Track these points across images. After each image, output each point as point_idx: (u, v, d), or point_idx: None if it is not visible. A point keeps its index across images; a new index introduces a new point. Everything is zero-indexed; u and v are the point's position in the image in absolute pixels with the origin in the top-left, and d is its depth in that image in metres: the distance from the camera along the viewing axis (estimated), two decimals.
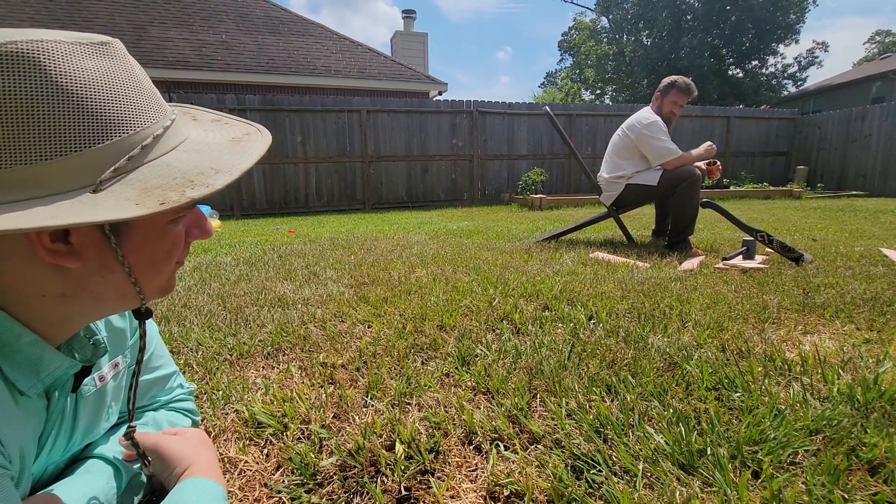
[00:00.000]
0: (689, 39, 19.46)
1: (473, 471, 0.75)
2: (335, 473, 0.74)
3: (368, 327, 1.48)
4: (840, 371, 1.05)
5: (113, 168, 0.42)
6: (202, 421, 0.88)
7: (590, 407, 0.91)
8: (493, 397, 0.98)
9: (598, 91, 28.05)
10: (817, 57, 21.48)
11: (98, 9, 10.34)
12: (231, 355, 1.23)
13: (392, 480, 0.72)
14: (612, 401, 0.94)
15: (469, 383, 1.05)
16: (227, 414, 0.92)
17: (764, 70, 21.27)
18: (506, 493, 0.70)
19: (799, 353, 1.21)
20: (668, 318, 1.48)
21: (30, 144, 0.39)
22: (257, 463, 0.78)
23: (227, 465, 0.78)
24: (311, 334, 1.39)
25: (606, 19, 25.31)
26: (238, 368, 1.16)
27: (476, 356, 1.19)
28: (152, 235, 0.49)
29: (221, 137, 0.53)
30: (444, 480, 0.72)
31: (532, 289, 1.90)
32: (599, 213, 3.40)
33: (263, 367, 1.18)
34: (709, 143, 3.04)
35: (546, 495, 0.68)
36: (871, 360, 1.12)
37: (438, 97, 12.15)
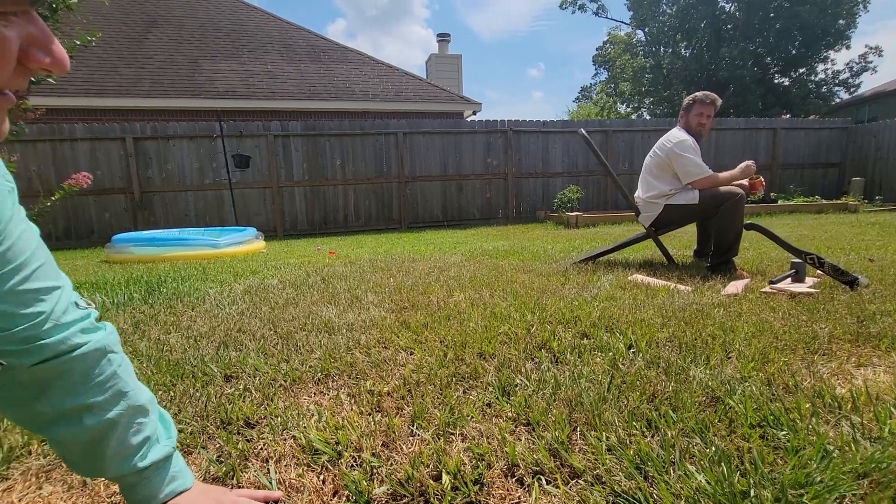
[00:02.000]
0: (729, 50, 18.94)
1: (517, 503, 0.79)
2: (387, 501, 0.80)
3: (411, 354, 1.54)
4: (893, 409, 1.02)
5: None
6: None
7: (630, 442, 0.93)
8: (533, 429, 1.01)
9: (635, 104, 27.62)
10: (871, 62, 20.39)
11: (158, 45, 11.18)
12: (285, 381, 1.32)
13: None
14: (652, 436, 0.96)
15: (510, 414, 1.09)
16: (285, 440, 1.00)
17: (813, 77, 20.36)
18: None
19: (850, 388, 1.17)
20: (710, 348, 1.47)
21: None
22: (316, 489, 0.84)
23: (289, 490, 0.85)
24: (357, 361, 1.46)
25: (642, 32, 25.05)
26: (292, 394, 1.24)
27: (516, 386, 1.23)
28: None
29: None
30: None
31: (570, 315, 1.91)
32: (638, 234, 3.36)
33: (315, 394, 1.26)
34: (746, 162, 2.98)
35: None
36: None
37: (473, 117, 12.34)
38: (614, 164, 9.44)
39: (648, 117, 27.67)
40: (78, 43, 2.30)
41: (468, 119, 12.61)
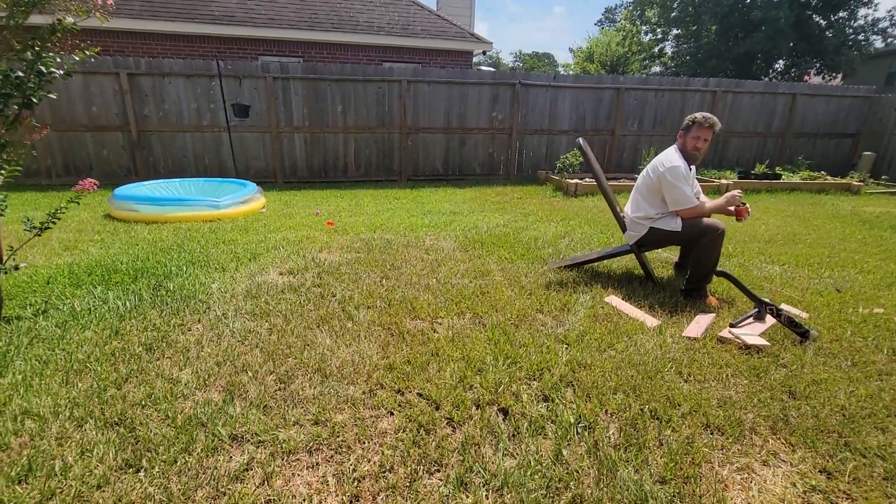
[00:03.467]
0: None
1: None
2: None
3: (389, 413, 1.80)
4: None
5: None
6: None
7: None
8: None
9: (660, 35, 25.86)
10: None
11: None
12: (286, 448, 1.57)
13: None
14: None
15: None
16: None
17: (852, 23, 18.88)
18: None
19: (749, 498, 1.43)
20: (645, 434, 1.71)
21: None
22: None
23: None
24: (345, 424, 1.71)
25: None
26: (288, 470, 1.50)
27: (473, 476, 1.48)
28: None
29: None
30: None
31: (538, 365, 2.14)
32: (621, 247, 3.49)
33: (307, 467, 1.52)
34: (731, 192, 3.04)
35: None
36: None
37: (481, 55, 11.74)
38: (623, 123, 9.21)
39: (670, 52, 26.04)
40: (77, 59, 2.28)
41: (476, 59, 12.00)
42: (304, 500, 1.38)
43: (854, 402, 1.93)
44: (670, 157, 3.09)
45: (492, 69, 11.66)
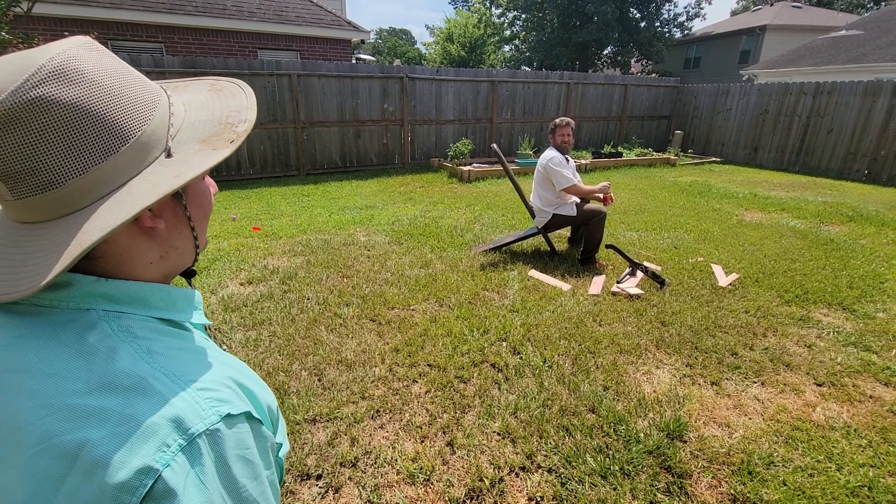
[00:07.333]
0: None
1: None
2: (464, 500, 1.70)
3: (415, 382, 2.38)
4: (662, 406, 2.20)
5: (168, 135, 0.48)
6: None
7: (560, 445, 1.94)
8: (513, 441, 1.97)
9: (509, 19, 28.09)
10: (703, 9, 23.55)
11: None
12: (354, 420, 2.07)
13: None
14: (569, 436, 1.99)
15: (497, 430, 2.03)
16: (389, 471, 1.81)
17: (659, 16, 22.94)
18: None
19: (651, 388, 2.36)
20: (586, 362, 2.57)
21: (108, 141, 0.44)
22: (422, 498, 1.70)
23: (412, 499, 1.69)
24: (386, 396, 2.25)
25: None
26: (367, 433, 2.01)
27: (494, 410, 2.17)
28: (199, 190, 0.55)
29: (200, 91, 0.57)
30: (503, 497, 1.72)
31: (502, 329, 2.88)
32: (531, 230, 4.40)
33: (377, 428, 2.04)
34: (604, 183, 4.11)
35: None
36: (678, 399, 2.30)
37: (361, 44, 11.86)
38: (499, 112, 10.34)
39: (520, 36, 28.52)
40: None
41: (355, 58, 12.09)
42: (389, 447, 1.93)
43: (696, 322, 3.05)
44: (549, 153, 4.07)
45: (372, 59, 11.88)
